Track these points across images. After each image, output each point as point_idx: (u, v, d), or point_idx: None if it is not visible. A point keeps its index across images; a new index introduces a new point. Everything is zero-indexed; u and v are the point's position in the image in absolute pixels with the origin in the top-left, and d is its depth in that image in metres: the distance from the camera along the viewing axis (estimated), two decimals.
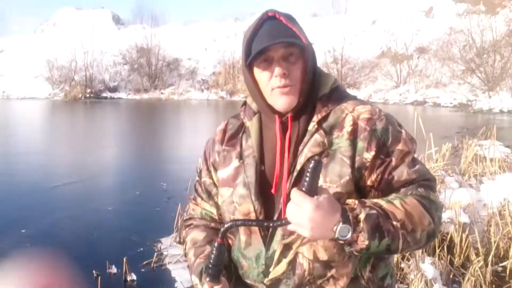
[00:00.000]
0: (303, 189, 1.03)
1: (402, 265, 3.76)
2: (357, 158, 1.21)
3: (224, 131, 1.43)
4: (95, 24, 47.41)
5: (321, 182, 1.17)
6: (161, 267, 4.52)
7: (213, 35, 43.48)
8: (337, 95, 1.29)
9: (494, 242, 4.09)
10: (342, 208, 1.07)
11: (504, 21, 27.57)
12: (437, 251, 3.97)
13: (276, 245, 1.24)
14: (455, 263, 4.11)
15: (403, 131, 1.25)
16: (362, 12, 39.75)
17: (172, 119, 22.04)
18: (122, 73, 40.68)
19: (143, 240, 5.17)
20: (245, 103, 1.43)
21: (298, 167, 1.23)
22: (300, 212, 1.03)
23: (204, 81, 38.52)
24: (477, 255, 3.94)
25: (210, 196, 1.44)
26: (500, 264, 4.10)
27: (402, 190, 1.19)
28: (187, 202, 1.84)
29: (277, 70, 1.21)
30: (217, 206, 1.42)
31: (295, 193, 1.03)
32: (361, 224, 1.06)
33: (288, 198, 1.09)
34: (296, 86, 1.24)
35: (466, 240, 4.15)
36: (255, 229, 1.28)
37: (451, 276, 3.91)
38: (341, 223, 1.05)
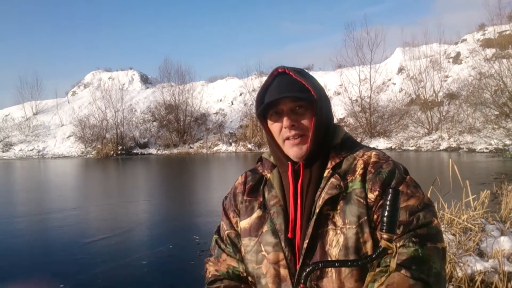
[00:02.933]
0: (383, 229, 1.07)
1: None
2: (367, 198, 1.27)
3: (244, 183, 1.50)
4: (124, 84, 49.15)
5: (341, 224, 1.26)
6: None
7: (238, 89, 44.34)
8: (349, 144, 1.39)
9: None
10: None
11: None
12: None
13: None
14: None
15: (408, 176, 1.30)
16: (388, 61, 39.92)
17: (201, 172, 22.17)
18: (151, 130, 41.55)
19: None
20: (260, 159, 1.53)
21: (317, 210, 1.28)
22: None
23: (232, 134, 38.84)
24: None
25: (236, 248, 1.45)
26: None
27: (397, 239, 1.19)
28: None
29: (285, 121, 1.34)
30: (243, 260, 1.43)
31: None
32: None
33: (310, 242, 1.26)
34: (306, 136, 1.34)
35: None
36: (285, 275, 1.30)
37: None
38: None
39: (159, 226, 9.45)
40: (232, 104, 43.58)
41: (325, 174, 1.33)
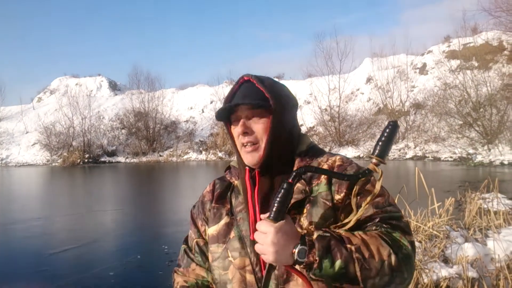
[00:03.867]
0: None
1: None
2: (333, 200, 1.29)
3: (212, 191, 1.52)
4: (91, 91, 48.27)
5: (306, 226, 1.26)
6: None
7: (209, 97, 44.20)
8: (313, 152, 1.41)
9: None
10: (301, 234, 1.14)
11: (498, 75, 28.02)
12: None
13: None
14: None
15: (372, 176, 1.30)
16: (356, 70, 40.59)
17: (171, 180, 21.94)
18: (120, 137, 40.92)
19: None
20: (229, 167, 1.54)
21: None
22: (263, 238, 1.12)
23: (202, 142, 38.63)
24: None
25: (205, 257, 1.46)
26: None
27: (368, 226, 1.23)
28: None
29: (237, 128, 1.38)
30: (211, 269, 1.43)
31: (260, 222, 1.14)
32: (315, 244, 1.11)
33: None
34: (259, 145, 1.35)
35: None
36: (251, 281, 1.30)
37: None
38: (299, 246, 1.11)
39: (127, 236, 9.29)
40: (203, 112, 43.43)
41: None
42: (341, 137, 32.45)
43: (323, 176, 1.33)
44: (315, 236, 1.13)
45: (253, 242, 1.28)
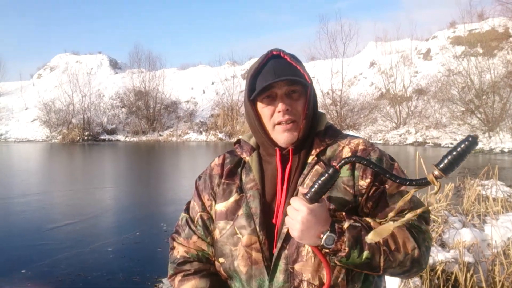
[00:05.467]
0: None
1: None
2: (355, 186, 1.27)
3: (222, 165, 1.46)
4: (92, 69, 48.04)
5: None
6: None
7: (210, 78, 44.07)
8: (332, 132, 1.39)
9: (499, 281, 4.09)
10: (332, 220, 1.16)
11: (502, 62, 27.82)
12: None
13: (280, 274, 1.26)
14: None
15: (395, 163, 1.32)
16: (360, 54, 40.35)
17: (170, 160, 21.96)
18: (120, 116, 40.88)
19: (144, 280, 5.11)
20: (238, 141, 1.49)
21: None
22: (295, 214, 1.14)
23: (203, 123, 38.61)
24: None
25: (208, 231, 1.42)
26: None
27: (397, 216, 1.22)
28: None
29: (280, 105, 1.30)
30: (213, 244, 1.41)
31: (295, 198, 1.16)
32: (345, 233, 1.13)
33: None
34: (298, 122, 1.32)
35: (470, 279, 4.12)
36: (258, 259, 1.29)
37: None
38: (328, 232, 1.13)
39: (126, 213, 9.30)
40: (204, 92, 43.33)
41: (309, 161, 1.32)
42: (342, 121, 32.38)
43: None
44: (346, 225, 1.15)
45: (262, 220, 1.31)
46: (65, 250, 6.34)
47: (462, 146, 1.03)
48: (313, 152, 1.33)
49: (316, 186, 1.12)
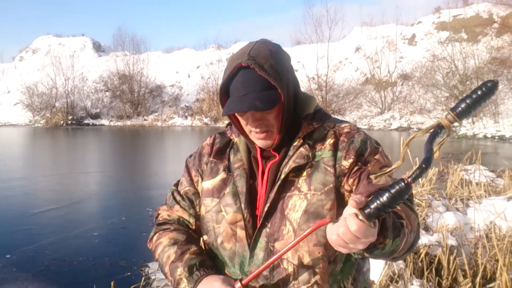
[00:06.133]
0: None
1: (390, 287, 3.75)
2: (337, 166, 1.29)
3: (212, 144, 1.50)
4: (75, 51, 47.23)
5: (305, 190, 1.28)
6: None
7: (196, 62, 43.66)
8: (320, 115, 1.39)
9: (481, 264, 4.17)
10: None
11: (486, 48, 28.06)
12: (426, 273, 4.01)
13: (260, 251, 1.29)
14: (443, 285, 4.14)
15: (380, 147, 1.34)
16: (345, 39, 40.31)
17: (156, 145, 21.86)
18: (104, 100, 40.40)
19: (130, 264, 5.13)
20: (230, 123, 1.49)
21: (282, 176, 1.30)
22: (352, 239, 0.97)
23: (188, 107, 38.36)
24: (465, 277, 4.07)
25: (192, 205, 1.46)
26: (487, 286, 4.14)
27: None
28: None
29: (250, 121, 1.30)
30: (196, 217, 1.45)
31: (352, 219, 0.96)
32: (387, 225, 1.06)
33: (271, 205, 1.28)
34: (272, 131, 1.32)
35: (453, 262, 4.21)
36: (241, 236, 1.32)
37: None
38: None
39: (111, 198, 9.29)
40: (189, 76, 42.95)
41: (295, 143, 1.34)
42: (327, 106, 32.42)
43: (327, 142, 1.33)
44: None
45: (248, 198, 1.33)
46: (50, 235, 6.34)
47: (481, 92, 0.96)
48: (300, 134, 1.35)
49: (377, 202, 0.95)
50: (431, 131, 1.03)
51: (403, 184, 0.95)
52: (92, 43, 50.77)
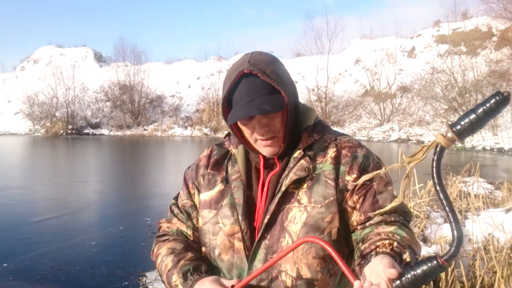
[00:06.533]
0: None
1: None
2: (339, 181, 1.28)
3: (209, 156, 1.49)
4: (76, 62, 47.40)
5: (306, 202, 1.28)
6: None
7: (196, 73, 43.80)
8: (320, 127, 1.39)
9: (479, 276, 4.15)
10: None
11: (485, 61, 28.21)
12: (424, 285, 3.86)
13: (259, 263, 1.28)
14: None
15: (381, 162, 1.34)
16: (345, 51, 40.51)
17: (155, 155, 21.83)
18: (104, 110, 40.47)
19: (128, 274, 5.11)
20: (229, 134, 1.50)
21: (283, 188, 1.30)
22: None
23: (188, 118, 38.41)
24: None
25: (189, 217, 1.47)
26: None
27: (385, 215, 1.23)
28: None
29: (258, 128, 1.30)
30: (194, 228, 1.46)
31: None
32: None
33: (271, 217, 1.28)
34: (278, 136, 1.31)
35: (451, 274, 4.16)
36: (240, 248, 1.32)
37: None
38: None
39: (110, 208, 9.27)
40: (189, 87, 43.06)
41: (295, 155, 1.33)
42: (327, 117, 32.50)
43: (329, 154, 1.32)
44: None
45: (245, 210, 1.34)
46: (48, 244, 6.32)
47: (488, 105, 0.81)
48: (300, 145, 1.34)
49: (409, 276, 0.89)
50: (434, 157, 0.89)
51: (435, 263, 0.89)
52: (93, 54, 51.00)
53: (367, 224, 1.25)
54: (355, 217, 1.28)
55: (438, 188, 0.89)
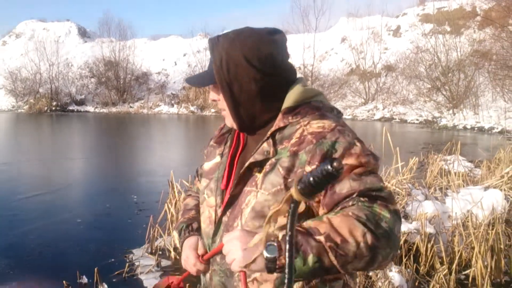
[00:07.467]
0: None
1: (370, 273, 3.85)
2: (299, 171, 1.18)
3: (221, 129, 1.53)
4: (60, 37, 46.48)
5: (258, 187, 1.25)
6: (133, 277, 4.45)
7: (182, 49, 43.24)
8: (304, 110, 1.27)
9: (458, 251, 4.34)
10: (266, 235, 1.02)
11: (468, 41, 28.44)
12: (404, 260, 4.16)
13: (218, 238, 1.34)
14: (420, 271, 4.29)
15: (358, 145, 1.18)
16: (331, 30, 40.42)
17: (142, 132, 21.66)
18: (89, 86, 39.90)
19: (114, 251, 5.11)
20: None
21: (242, 170, 1.29)
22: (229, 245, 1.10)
23: (174, 95, 38.13)
24: (442, 263, 4.20)
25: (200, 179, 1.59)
26: (463, 272, 4.32)
27: (344, 202, 1.11)
28: (159, 214, 2.38)
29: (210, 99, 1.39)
30: None
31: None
32: (282, 246, 1.01)
33: (231, 196, 1.31)
34: (227, 112, 1.32)
35: (431, 249, 4.35)
36: (211, 220, 1.39)
37: (416, 284, 4.09)
38: (267, 245, 1.02)
39: (96, 185, 9.27)
40: (176, 64, 42.57)
41: (265, 137, 1.28)
42: None
43: (292, 140, 1.22)
44: (280, 237, 1.02)
45: (220, 187, 1.39)
46: (33, 221, 6.30)
47: (324, 173, 0.78)
48: (272, 127, 1.27)
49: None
50: (289, 211, 0.83)
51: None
52: (77, 29, 49.92)
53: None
54: (321, 212, 1.18)
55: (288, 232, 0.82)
